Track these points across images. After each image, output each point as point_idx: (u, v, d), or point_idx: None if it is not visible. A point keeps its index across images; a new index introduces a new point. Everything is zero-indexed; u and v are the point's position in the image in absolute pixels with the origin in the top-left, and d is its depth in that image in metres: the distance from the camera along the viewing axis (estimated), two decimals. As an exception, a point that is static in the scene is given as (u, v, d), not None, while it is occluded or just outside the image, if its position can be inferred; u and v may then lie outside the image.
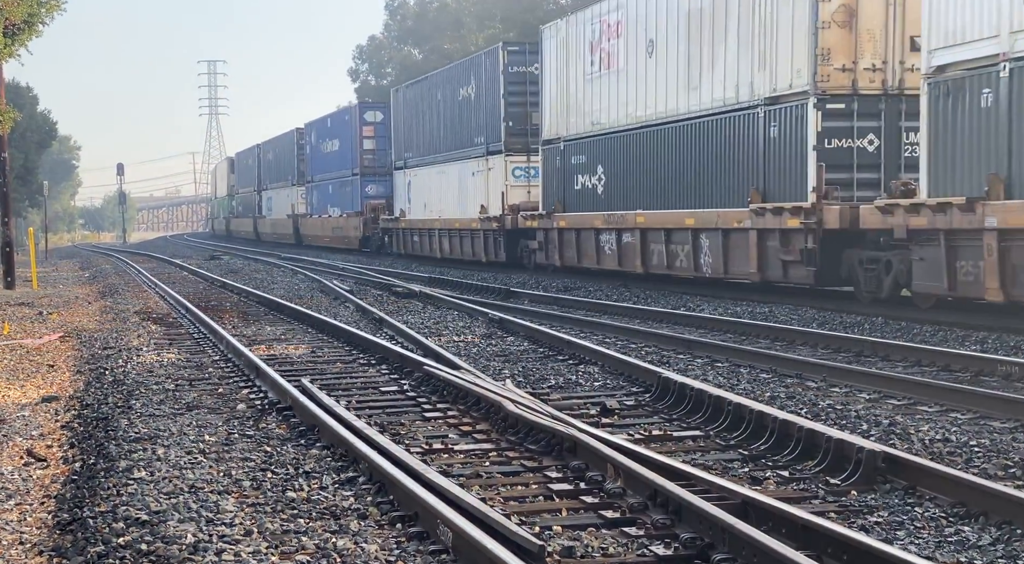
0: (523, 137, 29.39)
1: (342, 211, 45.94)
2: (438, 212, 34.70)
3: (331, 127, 48.46)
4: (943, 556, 5.10)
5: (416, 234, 37.19)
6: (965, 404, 8.65)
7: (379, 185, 43.19)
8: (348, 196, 45.13)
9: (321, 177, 49.94)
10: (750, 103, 18.99)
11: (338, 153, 46.69)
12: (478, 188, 31.39)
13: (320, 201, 50.47)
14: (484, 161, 30.83)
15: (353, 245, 43.90)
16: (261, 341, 13.97)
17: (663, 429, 8.04)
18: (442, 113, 34.53)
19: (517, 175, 29.53)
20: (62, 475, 7.24)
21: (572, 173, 26.12)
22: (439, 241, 34.58)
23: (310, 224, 51.57)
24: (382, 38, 74.82)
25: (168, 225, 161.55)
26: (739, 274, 19.49)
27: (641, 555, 5.17)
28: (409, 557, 5.14)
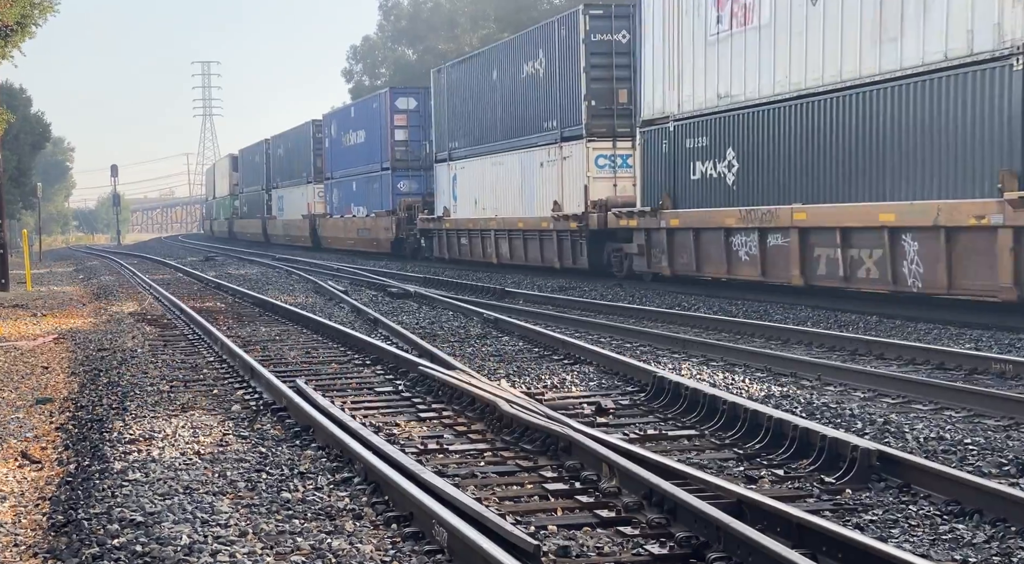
0: (607, 119, 24.56)
1: (369, 211, 41.00)
2: (493, 210, 29.93)
3: (355, 117, 43.24)
4: (938, 554, 5.10)
5: (464, 236, 32.18)
6: (959, 402, 8.66)
7: (413, 181, 38.34)
8: (376, 194, 40.22)
9: (343, 173, 44.85)
10: (995, 53, 13.72)
11: (364, 146, 41.57)
12: (549, 181, 26.75)
13: (342, 200, 45.23)
14: (557, 149, 26.11)
15: (383, 248, 39.04)
16: (256, 342, 13.96)
17: (658, 428, 8.05)
18: (499, 94, 29.64)
19: (600, 165, 24.59)
20: (57, 477, 7.23)
21: (686, 160, 20.68)
22: (495, 244, 29.76)
23: (330, 225, 46.58)
24: (376, 38, 74.82)
25: (162, 226, 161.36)
26: (976, 289, 14.33)
27: (636, 554, 5.17)
28: (404, 557, 5.14)
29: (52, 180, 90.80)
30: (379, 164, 39.68)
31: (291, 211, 53.93)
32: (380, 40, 74.50)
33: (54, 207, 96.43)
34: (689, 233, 20.57)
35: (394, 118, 38.60)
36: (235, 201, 69.71)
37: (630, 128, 23.69)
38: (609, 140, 24.71)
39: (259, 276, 29.09)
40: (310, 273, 28.71)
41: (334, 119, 47.11)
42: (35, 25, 21.26)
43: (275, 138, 58.02)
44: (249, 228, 64.19)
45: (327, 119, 48.10)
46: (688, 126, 20.71)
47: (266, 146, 59.50)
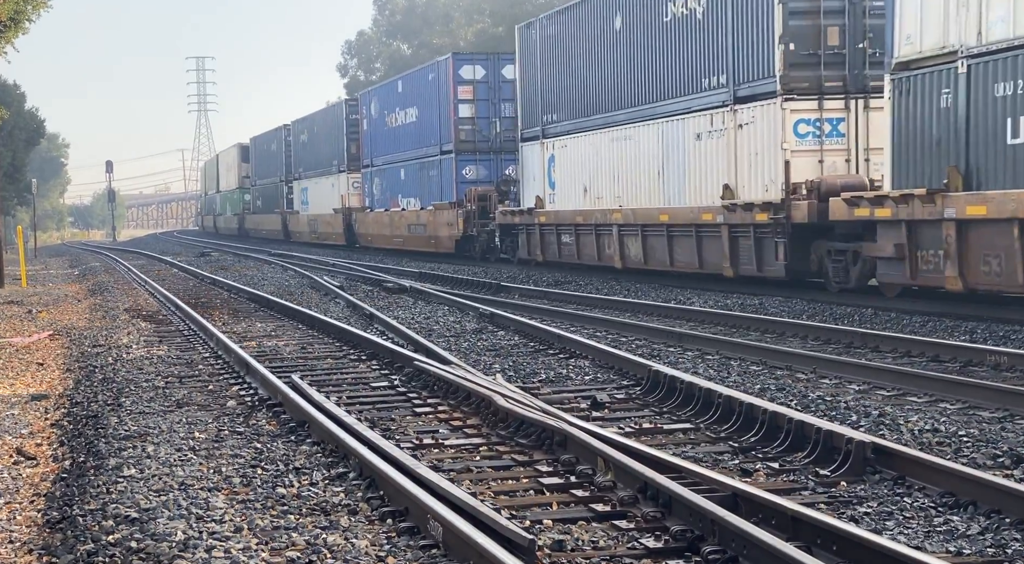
0: (812, 69, 17.76)
1: (424, 203, 34.50)
2: (615, 200, 23.20)
3: (404, 92, 36.61)
4: (932, 546, 5.11)
5: (567, 233, 25.39)
6: (954, 394, 8.67)
7: (481, 166, 32.15)
8: (434, 182, 33.92)
9: (387, 160, 38.53)
10: None
11: (416, 126, 35.37)
12: (711, 159, 19.75)
13: (386, 191, 38.86)
14: (728, 115, 19.15)
15: (443, 247, 32.52)
16: (251, 337, 13.95)
17: (653, 422, 8.05)
18: (626, 48, 22.67)
19: (802, 133, 17.88)
20: (52, 473, 7.22)
21: (994, 116, 13.74)
22: (619, 243, 22.92)
23: (371, 221, 40.04)
24: (371, 33, 74.74)
25: (158, 222, 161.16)
26: None
27: (631, 548, 5.18)
28: (399, 552, 5.14)
29: (47, 176, 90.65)
30: (438, 147, 33.45)
31: (318, 205, 47.10)
32: (375, 35, 74.43)
33: (49, 203, 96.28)
34: (1014, 226, 13.18)
35: (458, 91, 31.98)
36: (245, 195, 63.57)
37: (842, 82, 17.83)
38: (814, 99, 17.75)
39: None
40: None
41: (375, 96, 40.45)
42: (28, 20, 21.23)
43: (297, 123, 51.68)
44: (265, 224, 57.95)
45: (365, 97, 41.83)
46: (1000, 65, 13.65)
47: (285, 132, 53.45)
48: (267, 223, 57.36)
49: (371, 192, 40.90)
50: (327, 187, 45.81)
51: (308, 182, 49.27)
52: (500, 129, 31.77)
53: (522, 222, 27.78)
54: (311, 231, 48.29)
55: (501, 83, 31.70)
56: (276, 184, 55.44)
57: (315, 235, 47.68)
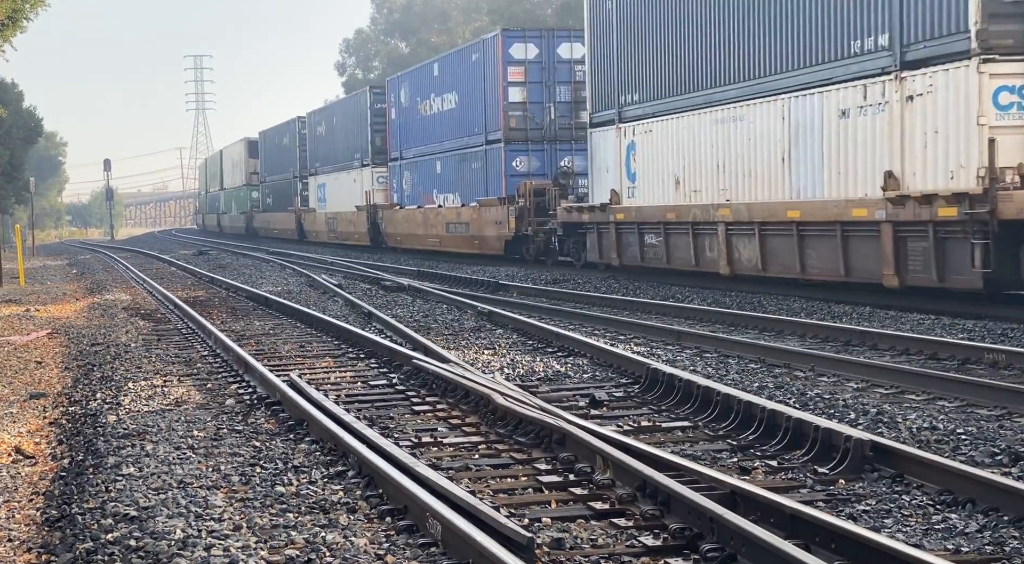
0: (1019, 21, 13.96)
1: (465, 199, 31.11)
2: (720, 193, 19.17)
3: (442, 76, 33.06)
4: (931, 543, 5.12)
5: (652, 232, 21.46)
6: (952, 392, 8.68)
7: (534, 157, 28.48)
8: (478, 176, 30.33)
9: (421, 152, 34.99)
10: None
11: (456, 113, 31.77)
12: (866, 138, 15.85)
13: (418, 185, 35.32)
14: (890, 84, 15.25)
15: (490, 249, 28.92)
16: (250, 336, 13.95)
17: (652, 420, 8.06)
18: (735, 10, 18.86)
19: (1004, 105, 14.05)
20: (50, 472, 7.22)
21: None
22: (727, 245, 18.79)
23: (400, 219, 36.42)
24: (369, 31, 74.74)
25: (156, 221, 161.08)
26: None
27: (630, 546, 5.18)
28: (398, 550, 5.14)
29: (45, 175, 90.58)
30: (482, 136, 29.87)
31: (338, 202, 43.47)
32: (373, 33, 74.44)
33: (47, 202, 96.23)
34: None
35: (507, 72, 28.30)
36: (253, 192, 59.71)
37: None
38: (1020, 60, 13.93)
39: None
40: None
41: (405, 82, 36.58)
42: (26, 19, 21.23)
43: (314, 114, 48.32)
44: (276, 223, 54.28)
45: (393, 83, 37.95)
46: None
47: (299, 125, 49.95)
48: (279, 222, 53.72)
49: (400, 188, 37.29)
50: (348, 183, 42.27)
51: (326, 178, 45.65)
52: (555, 115, 28.18)
53: (592, 220, 23.76)
54: (330, 230, 44.61)
55: (556, 63, 28.11)
56: (289, 180, 51.91)
57: (334, 234, 44.05)
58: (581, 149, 26.85)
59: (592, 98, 24.46)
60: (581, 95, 26.87)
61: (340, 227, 43.13)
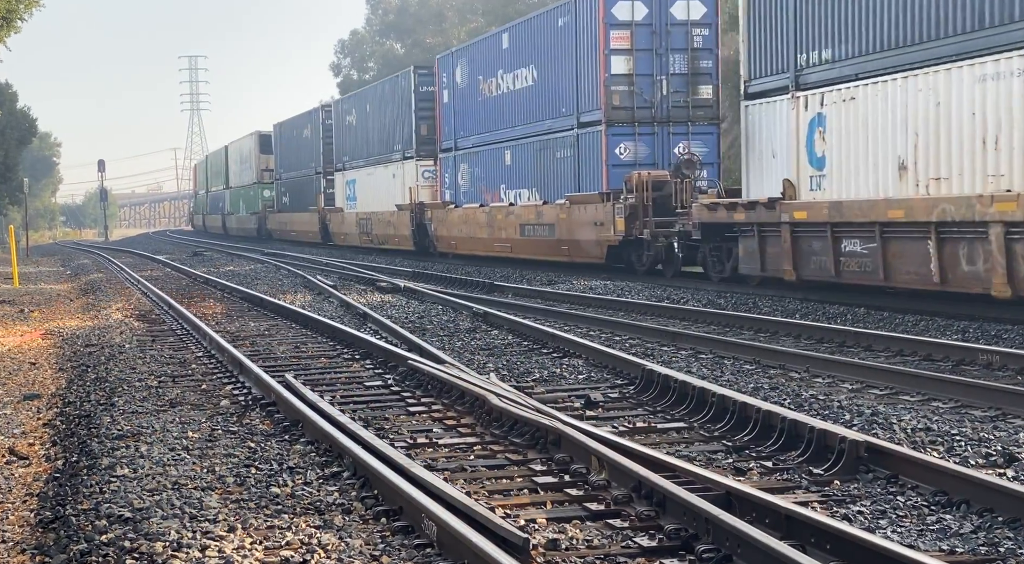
0: None
1: (547, 195, 25.95)
2: (986, 180, 13.88)
3: (513, 48, 27.58)
4: (925, 544, 5.12)
5: (856, 236, 15.92)
6: (947, 393, 8.69)
7: (642, 143, 23.33)
8: (566, 166, 25.18)
9: (482, 140, 29.54)
10: None
11: (534, 92, 26.51)
12: None
13: (480, 180, 29.95)
14: None
15: (587, 256, 23.76)
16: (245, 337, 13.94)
17: (647, 421, 8.06)
18: None
19: None
20: (44, 473, 7.21)
21: None
22: (1006, 254, 13.29)
23: (456, 220, 30.90)
24: (364, 32, 74.74)
25: (150, 222, 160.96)
26: None
27: (626, 547, 5.18)
28: (394, 551, 5.14)
29: (39, 175, 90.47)
30: (572, 118, 24.65)
31: (372, 200, 38.11)
32: (368, 34, 74.43)
33: (41, 202, 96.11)
34: None
35: (609, 37, 23.01)
36: (265, 191, 54.63)
37: None
38: None
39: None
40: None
41: (462, 59, 31.05)
42: (20, 19, 21.20)
43: (343, 101, 43.32)
44: (295, 225, 48.65)
45: (446, 61, 32.31)
46: None
47: (323, 115, 44.74)
48: (298, 223, 48.07)
49: (454, 183, 31.77)
50: (385, 178, 36.91)
51: (357, 173, 40.28)
52: (667, 90, 23.08)
53: (751, 221, 17.98)
54: (362, 232, 39.04)
55: (669, 26, 23.05)
56: (310, 177, 46.52)
57: (367, 237, 38.30)
58: (702, 132, 23.46)
59: (750, 60, 18.75)
60: (700, 65, 23.27)
61: (376, 229, 37.44)
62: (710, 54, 23.45)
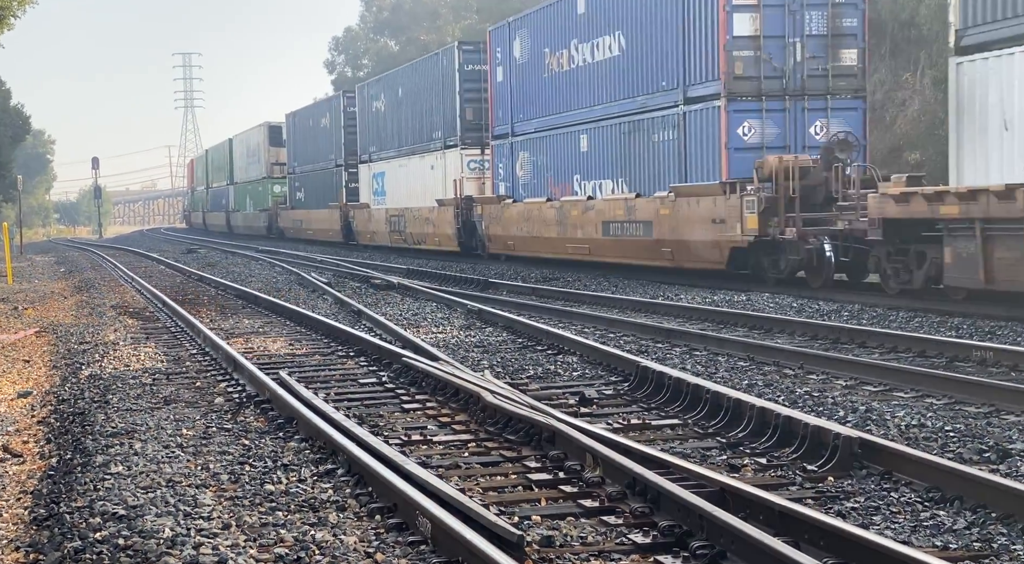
0: None
1: (639, 187, 21.51)
2: None
3: (591, 12, 23.14)
4: (919, 540, 5.13)
5: None
6: (940, 389, 8.71)
7: (771, 121, 18.90)
8: (666, 152, 20.63)
9: (549, 123, 25.28)
10: None
11: (622, 63, 21.96)
12: None
13: (545, 170, 25.58)
14: None
15: (699, 260, 19.66)
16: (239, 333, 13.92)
17: (642, 418, 8.07)
18: None
19: None
20: (38, 470, 7.20)
21: None
22: None
23: (514, 217, 26.53)
24: (358, 30, 74.66)
25: (144, 219, 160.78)
26: None
27: (620, 543, 5.18)
28: (388, 548, 5.14)
29: (32, 173, 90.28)
30: (678, 92, 20.11)
31: (405, 195, 34.06)
32: (362, 31, 74.35)
33: (35, 200, 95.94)
34: None
35: None
36: (275, 185, 50.90)
37: None
38: None
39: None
40: None
41: (523, 29, 26.49)
42: (13, 16, 21.14)
43: (369, 85, 38.70)
44: (312, 223, 44.45)
45: (499, 34, 27.96)
46: None
47: (344, 101, 40.83)
48: (316, 221, 43.77)
49: (510, 174, 27.34)
50: (422, 170, 32.64)
51: (386, 165, 36.04)
52: (802, 56, 18.77)
53: (969, 215, 13.62)
54: (393, 231, 34.78)
55: None
56: (329, 171, 42.29)
57: (399, 236, 34.20)
58: (844, 108, 19.04)
59: (966, 2, 15.17)
60: (842, 24, 18.77)
61: (411, 227, 33.15)
62: (855, 10, 18.83)
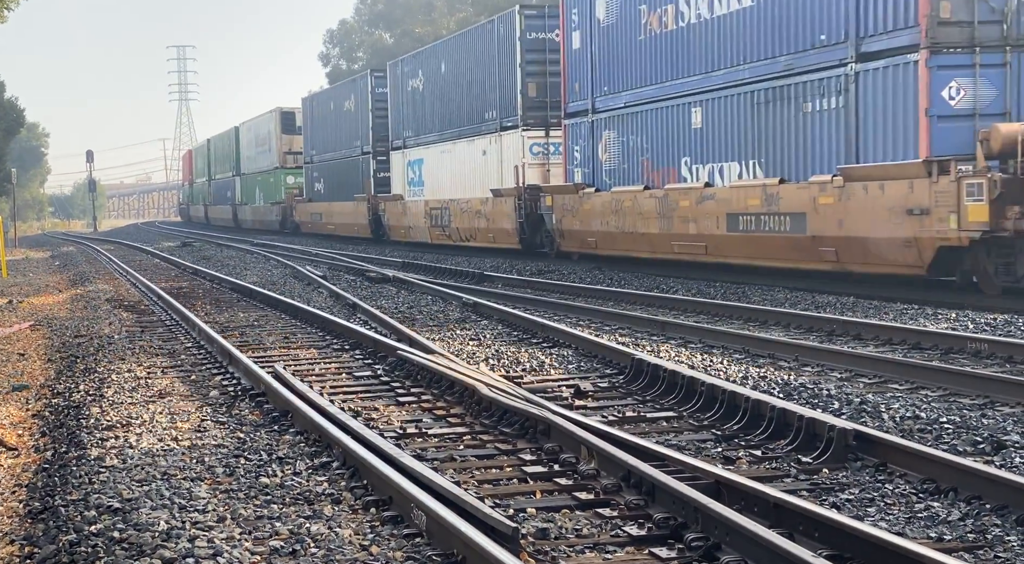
0: None
1: (780, 171, 17.29)
2: None
3: None
4: (913, 532, 5.14)
5: None
6: (935, 381, 8.72)
7: (985, 80, 14.80)
8: (826, 125, 16.50)
9: (645, 96, 21.09)
10: None
11: (749, 17, 17.99)
12: None
13: (640, 152, 21.37)
14: None
15: (882, 264, 15.47)
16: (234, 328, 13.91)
17: (637, 410, 8.07)
18: None
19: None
20: (33, 464, 7.19)
21: None
22: None
23: (595, 210, 22.39)
24: (353, 22, 74.56)
25: (139, 212, 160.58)
26: None
27: (615, 536, 5.19)
28: (383, 541, 5.14)
29: (27, 166, 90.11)
30: (843, 47, 16.06)
31: (449, 185, 30.10)
32: (357, 24, 74.26)
33: (29, 193, 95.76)
34: None
35: None
36: (289, 176, 47.60)
37: None
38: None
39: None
40: None
41: None
42: (7, 10, 21.09)
43: (403, 62, 34.24)
44: (334, 216, 40.61)
45: None
46: None
47: (371, 81, 36.93)
48: (339, 214, 39.89)
49: (590, 158, 23.11)
50: (471, 156, 28.60)
51: (425, 151, 31.97)
52: None
53: None
54: (434, 226, 31.02)
55: None
56: (354, 159, 38.68)
57: (442, 232, 30.51)
58: None
59: None
60: None
61: (457, 222, 29.25)
62: None
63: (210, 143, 66.77)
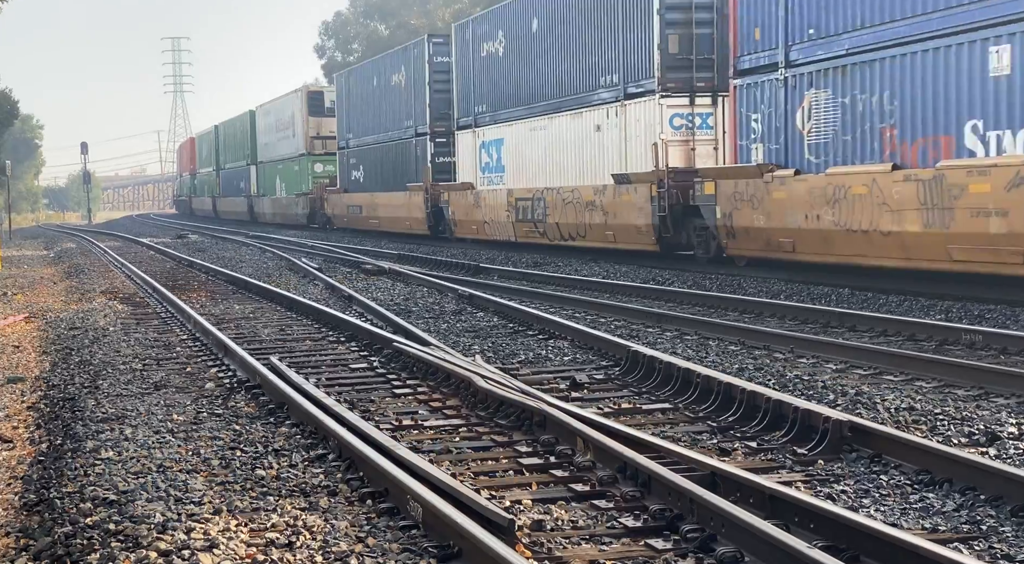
0: None
1: None
2: None
3: None
4: (908, 523, 5.15)
5: None
6: (930, 373, 8.74)
7: None
8: None
9: (871, 39, 15.06)
10: None
11: None
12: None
13: (864, 118, 15.31)
14: None
15: None
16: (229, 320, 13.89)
17: (632, 402, 8.08)
18: None
19: None
20: (28, 456, 7.19)
21: None
22: None
23: (788, 202, 16.62)
24: (348, 14, 74.40)
25: (134, 204, 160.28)
26: None
27: (611, 527, 5.20)
28: (379, 533, 5.14)
29: (21, 158, 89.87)
30: None
31: (541, 170, 24.74)
32: (352, 15, 74.11)
33: (23, 185, 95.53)
34: None
35: None
36: (317, 164, 42.68)
37: None
38: None
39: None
40: None
41: None
42: (1, 1, 21.02)
43: (474, 23, 28.42)
44: (380, 210, 34.99)
45: None
46: None
47: (429, 49, 31.18)
48: (386, 207, 34.26)
49: (771, 130, 17.26)
50: (579, 133, 23.00)
51: (507, 129, 26.30)
52: None
53: None
54: (521, 220, 25.55)
55: None
56: (405, 142, 33.02)
57: (532, 228, 25.01)
58: None
59: None
60: None
61: (555, 216, 23.88)
62: None
63: (218, 129, 60.80)
